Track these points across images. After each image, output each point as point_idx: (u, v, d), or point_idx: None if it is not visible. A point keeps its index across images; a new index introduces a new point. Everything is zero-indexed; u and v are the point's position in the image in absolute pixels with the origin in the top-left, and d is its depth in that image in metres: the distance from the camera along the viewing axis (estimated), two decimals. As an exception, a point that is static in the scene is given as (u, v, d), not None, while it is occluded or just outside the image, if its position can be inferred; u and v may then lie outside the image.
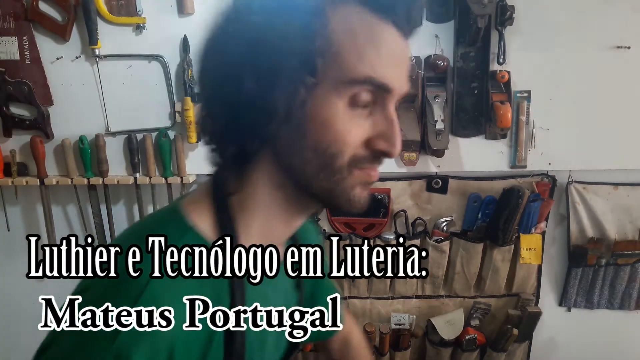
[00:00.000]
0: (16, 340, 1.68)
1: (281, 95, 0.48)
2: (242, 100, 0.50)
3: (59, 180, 1.47)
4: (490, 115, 1.39)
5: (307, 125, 0.50)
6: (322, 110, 0.49)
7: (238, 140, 0.53)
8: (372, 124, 0.51)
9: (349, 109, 0.49)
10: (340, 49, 0.48)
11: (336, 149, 0.50)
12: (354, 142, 0.50)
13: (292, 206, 0.57)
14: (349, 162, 0.51)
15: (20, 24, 1.36)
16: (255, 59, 0.49)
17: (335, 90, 0.49)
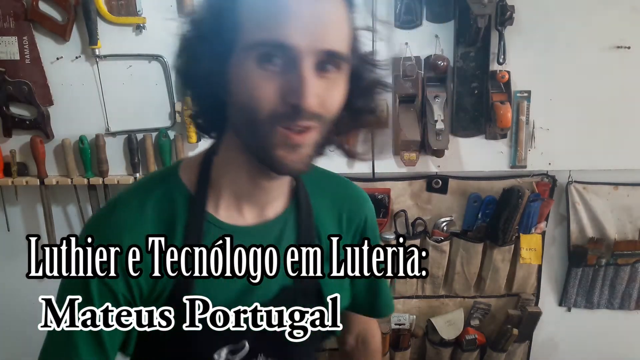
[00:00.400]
0: (16, 340, 1.68)
1: (211, 69, 0.61)
2: (197, 81, 0.65)
3: (59, 180, 1.46)
4: (490, 115, 1.39)
5: (231, 88, 0.60)
6: (237, 73, 0.58)
7: (205, 111, 0.68)
8: (285, 81, 0.56)
9: (259, 69, 0.56)
10: (240, 18, 0.57)
11: (252, 104, 0.57)
12: (266, 96, 0.56)
13: (253, 167, 0.65)
14: (269, 118, 0.57)
15: (20, 24, 1.36)
16: (197, 48, 0.63)
17: (244, 55, 0.57)
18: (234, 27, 0.58)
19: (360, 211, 0.83)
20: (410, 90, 1.38)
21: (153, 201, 0.69)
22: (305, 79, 0.55)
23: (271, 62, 0.56)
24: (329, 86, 0.59)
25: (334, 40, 0.57)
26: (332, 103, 0.60)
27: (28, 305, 1.58)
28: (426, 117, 1.37)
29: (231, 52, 0.58)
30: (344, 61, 0.60)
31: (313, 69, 0.57)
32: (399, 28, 1.36)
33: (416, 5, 1.35)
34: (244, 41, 0.57)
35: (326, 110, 0.59)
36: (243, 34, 0.57)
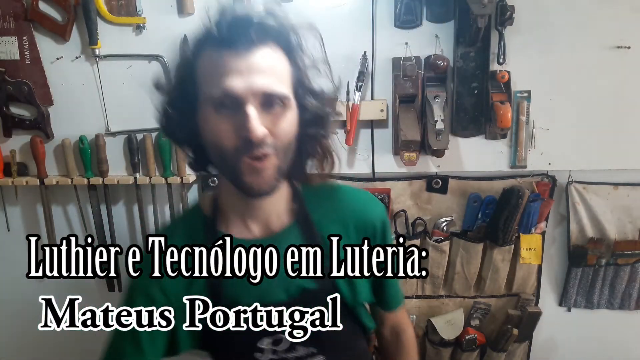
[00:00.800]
0: (16, 340, 1.68)
1: (189, 127, 0.77)
2: (182, 139, 0.82)
3: (59, 180, 1.47)
4: (490, 115, 1.39)
5: (202, 133, 0.75)
6: (203, 120, 0.74)
7: (192, 155, 0.83)
8: (236, 120, 0.70)
9: (216, 115, 0.71)
10: (198, 79, 0.74)
11: (217, 142, 0.72)
12: (225, 134, 0.71)
13: (239, 192, 0.77)
14: (233, 151, 0.71)
15: (20, 24, 1.36)
16: (172, 109, 0.79)
17: (204, 107, 0.73)
18: (194, 87, 0.74)
19: (368, 218, 0.91)
20: (410, 90, 1.38)
21: (181, 226, 0.90)
22: (249, 116, 0.69)
23: (224, 107, 0.71)
24: (275, 119, 0.72)
25: (269, 83, 0.71)
26: (281, 132, 0.73)
27: (28, 305, 1.59)
28: (426, 117, 1.37)
29: (196, 106, 0.75)
30: (286, 98, 0.73)
31: (258, 108, 0.71)
32: (399, 28, 1.36)
33: (416, 5, 1.35)
34: (202, 96, 0.73)
35: (277, 138, 0.72)
36: (201, 91, 0.73)
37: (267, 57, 0.72)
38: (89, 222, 1.53)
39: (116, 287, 1.56)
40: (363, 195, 0.96)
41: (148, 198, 1.51)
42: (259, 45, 0.71)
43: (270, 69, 0.72)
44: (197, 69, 0.74)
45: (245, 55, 0.70)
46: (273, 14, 0.74)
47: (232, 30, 0.70)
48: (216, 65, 0.71)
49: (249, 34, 0.70)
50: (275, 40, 0.74)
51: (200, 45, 0.75)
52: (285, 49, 0.75)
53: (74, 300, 0.90)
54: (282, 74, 0.74)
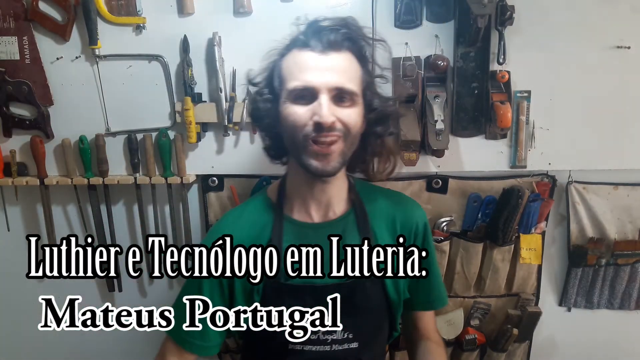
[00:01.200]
0: (16, 340, 1.68)
1: (271, 111, 0.94)
2: (266, 125, 0.98)
3: (59, 180, 1.46)
4: (490, 115, 1.39)
5: (281, 122, 0.90)
6: (283, 110, 0.89)
7: (272, 143, 1.01)
8: (311, 108, 0.86)
9: (295, 106, 0.87)
10: (283, 75, 0.90)
11: (293, 127, 0.87)
12: (299, 122, 0.86)
13: (308, 175, 0.91)
14: (303, 137, 0.86)
15: (20, 24, 1.36)
16: (260, 98, 0.97)
17: (286, 97, 0.89)
18: (279, 83, 0.91)
19: (412, 218, 1.05)
20: (410, 90, 1.38)
21: (248, 210, 1.02)
22: (322, 104, 0.84)
23: (302, 98, 0.86)
24: (344, 111, 0.87)
25: (342, 80, 0.86)
26: (349, 120, 0.87)
27: (28, 305, 1.59)
28: (426, 117, 1.37)
29: (279, 97, 0.91)
30: (355, 95, 0.88)
31: (331, 100, 0.85)
32: (399, 28, 1.36)
33: (416, 5, 1.35)
34: (285, 90, 0.89)
35: (344, 126, 0.86)
36: (285, 84, 0.89)
37: (342, 60, 0.88)
38: (89, 222, 1.53)
39: (116, 287, 1.56)
40: (409, 198, 1.11)
41: (148, 198, 1.51)
42: (336, 49, 0.87)
43: (343, 70, 0.87)
44: (283, 67, 0.90)
45: (324, 56, 0.86)
46: (350, 26, 0.90)
47: (316, 36, 0.87)
48: (300, 62, 0.87)
49: (329, 39, 0.86)
50: (350, 47, 0.89)
51: (287, 49, 0.92)
52: (358, 56, 0.91)
53: (74, 300, 0.90)
54: (353, 75, 0.89)
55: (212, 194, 1.50)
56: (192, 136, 1.40)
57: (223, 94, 1.38)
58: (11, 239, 1.57)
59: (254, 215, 1.00)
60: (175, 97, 1.42)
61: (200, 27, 1.36)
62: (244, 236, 0.97)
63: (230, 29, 1.36)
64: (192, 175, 1.47)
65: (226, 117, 1.38)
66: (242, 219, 1.00)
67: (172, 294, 1.62)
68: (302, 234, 0.97)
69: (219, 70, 1.36)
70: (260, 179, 1.46)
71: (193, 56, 1.37)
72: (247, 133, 1.45)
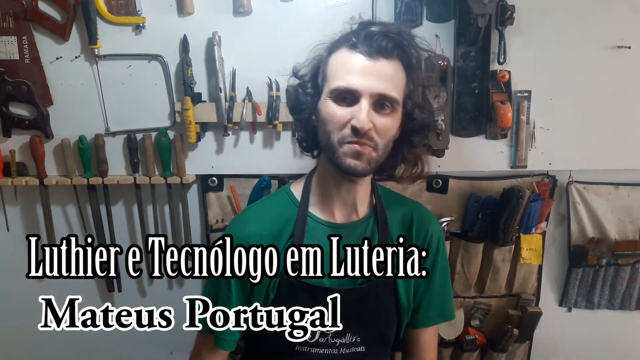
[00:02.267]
0: (16, 340, 1.68)
1: (310, 105, 0.94)
2: (303, 118, 0.97)
3: (59, 180, 1.46)
4: (490, 115, 1.38)
5: (319, 118, 0.91)
6: (323, 107, 0.90)
7: (306, 136, 1.01)
8: (351, 112, 0.86)
9: (335, 105, 0.87)
10: (328, 72, 0.89)
11: (330, 126, 0.88)
12: (338, 123, 0.87)
13: (337, 173, 0.93)
14: (339, 140, 0.87)
15: (19, 23, 1.36)
16: (300, 92, 0.97)
17: (327, 95, 0.88)
18: (323, 79, 0.91)
19: (428, 230, 1.05)
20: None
21: (272, 205, 1.02)
22: (362, 109, 0.84)
23: (343, 100, 0.86)
24: (383, 119, 0.87)
25: (386, 88, 0.85)
26: (384, 130, 0.87)
27: (28, 306, 1.59)
28: (426, 117, 1.37)
29: (320, 94, 0.91)
30: (396, 103, 0.87)
31: (371, 105, 0.85)
32: (399, 28, 1.36)
33: (416, 5, 1.34)
34: (327, 87, 0.88)
35: (379, 134, 0.87)
36: (327, 83, 0.89)
37: (389, 67, 0.86)
38: (89, 222, 1.53)
39: (116, 287, 1.56)
40: (428, 211, 1.11)
41: (148, 198, 1.51)
42: (385, 56, 0.86)
43: (388, 77, 0.86)
44: (330, 63, 0.90)
45: (372, 61, 0.85)
46: (402, 35, 0.88)
47: (367, 40, 0.85)
48: (346, 63, 0.87)
49: (380, 46, 0.85)
50: (399, 55, 0.88)
51: (335, 46, 0.90)
52: (406, 64, 0.90)
53: (74, 300, 0.90)
54: (397, 83, 0.88)
55: (212, 194, 1.50)
56: (191, 136, 1.39)
57: (223, 93, 1.37)
58: (11, 239, 1.56)
59: (278, 210, 0.99)
60: (175, 97, 1.42)
61: (200, 26, 1.36)
62: (266, 230, 0.97)
63: (230, 29, 1.36)
64: (191, 175, 1.47)
65: (226, 117, 1.38)
66: (266, 213, 1.00)
67: (171, 294, 1.62)
68: (325, 233, 0.97)
69: (218, 70, 1.35)
70: (260, 179, 1.45)
71: (193, 56, 1.37)
72: (247, 133, 1.45)
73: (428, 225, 1.06)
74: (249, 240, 0.95)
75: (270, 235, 0.96)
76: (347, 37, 0.89)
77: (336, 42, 0.91)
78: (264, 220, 0.98)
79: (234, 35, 1.36)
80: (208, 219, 1.52)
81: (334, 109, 0.87)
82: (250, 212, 1.04)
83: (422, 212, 1.09)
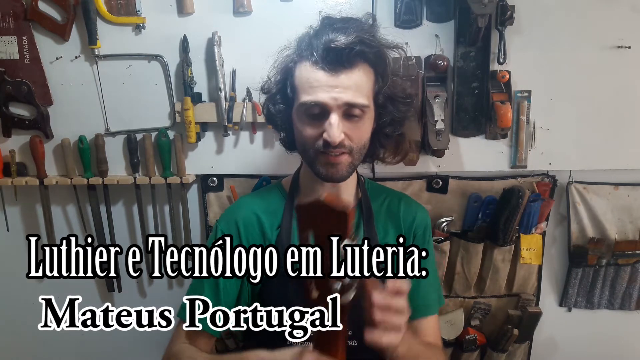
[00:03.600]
0: (16, 340, 1.68)
1: (285, 119, 0.99)
2: (281, 124, 1.02)
3: (59, 181, 1.46)
4: (490, 115, 1.38)
5: (294, 128, 0.96)
6: (296, 119, 0.94)
7: (286, 138, 1.05)
8: (322, 125, 0.89)
9: (307, 119, 0.91)
10: (296, 86, 0.92)
11: (304, 139, 0.93)
12: (311, 138, 0.91)
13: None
14: (314, 152, 0.92)
15: (19, 23, 1.36)
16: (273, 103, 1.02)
17: (298, 109, 0.92)
18: (292, 91, 0.94)
19: (414, 217, 1.10)
20: (410, 90, 1.37)
21: (263, 195, 1.10)
22: (332, 124, 0.87)
23: (313, 113, 0.89)
24: (355, 126, 0.90)
25: (353, 96, 0.88)
26: (359, 137, 0.91)
27: (28, 306, 1.59)
28: (426, 117, 1.37)
29: (292, 106, 0.95)
30: (365, 107, 0.90)
31: (341, 116, 0.88)
32: (399, 28, 1.36)
33: (416, 4, 1.34)
34: (298, 101, 0.91)
35: (353, 142, 0.90)
36: (296, 97, 0.92)
37: (353, 76, 0.88)
38: (89, 222, 1.53)
39: (116, 287, 1.56)
40: (414, 201, 1.16)
41: (148, 198, 1.51)
42: (347, 67, 0.88)
43: (354, 86, 0.88)
44: (296, 76, 0.93)
45: (334, 75, 0.88)
46: (361, 37, 0.88)
47: (327, 56, 0.87)
48: (311, 79, 0.89)
49: (341, 58, 0.87)
50: (362, 59, 0.89)
51: (299, 56, 0.93)
52: (371, 64, 0.91)
53: (74, 300, 0.90)
54: (364, 88, 0.90)
55: (212, 194, 1.50)
56: (191, 136, 1.39)
57: (223, 93, 1.37)
58: (11, 239, 1.56)
59: (268, 200, 1.07)
60: (175, 97, 1.42)
61: (200, 26, 1.36)
62: (258, 211, 1.04)
63: (230, 29, 1.36)
64: (191, 175, 1.47)
65: (226, 117, 1.38)
66: (257, 201, 1.07)
67: (171, 294, 1.62)
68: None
69: (218, 70, 1.35)
70: (260, 179, 1.45)
71: (193, 56, 1.37)
72: (247, 133, 1.45)
73: (415, 211, 1.11)
74: (239, 220, 1.02)
75: (259, 218, 1.03)
76: (308, 47, 0.90)
77: (299, 51, 0.93)
78: (255, 205, 1.06)
79: (234, 35, 1.36)
80: (208, 219, 1.52)
81: (305, 123, 0.91)
82: (242, 199, 1.12)
83: (408, 200, 1.15)
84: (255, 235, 1.03)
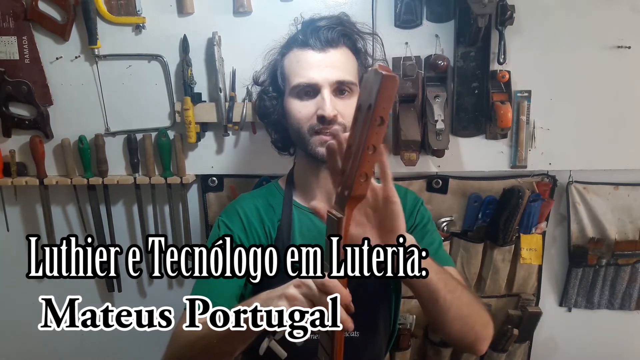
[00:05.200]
0: (16, 340, 1.68)
1: (276, 107, 1.04)
2: (272, 121, 1.07)
3: (59, 181, 1.46)
4: (490, 115, 1.38)
5: (287, 116, 1.00)
6: (288, 105, 0.98)
7: (279, 137, 1.11)
8: (315, 104, 0.94)
9: (299, 101, 0.96)
10: (286, 73, 0.99)
11: (298, 121, 0.97)
12: (304, 117, 0.95)
13: (311, 163, 1.01)
14: (308, 130, 0.96)
15: (19, 23, 1.36)
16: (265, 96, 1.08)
17: (290, 94, 0.98)
18: (282, 80, 1.00)
19: (405, 200, 1.10)
20: (410, 90, 1.37)
21: (261, 193, 1.12)
22: (325, 99, 0.92)
23: (306, 95, 0.95)
24: (345, 103, 0.95)
25: (342, 74, 0.94)
26: (350, 114, 0.84)
27: (28, 305, 1.59)
28: (426, 117, 1.37)
29: (283, 95, 1.00)
30: (353, 85, 0.96)
31: (332, 93, 0.94)
32: (399, 28, 1.36)
33: (416, 5, 1.34)
34: (289, 87, 0.97)
35: (344, 118, 0.94)
36: (288, 82, 0.98)
37: (340, 55, 0.96)
38: (89, 222, 1.53)
39: (116, 287, 1.56)
40: (405, 188, 1.18)
41: (148, 198, 1.51)
42: (334, 46, 0.96)
43: (341, 64, 0.95)
44: (285, 65, 0.99)
45: (323, 53, 0.95)
46: (344, 23, 0.99)
47: (314, 35, 0.95)
48: (301, 61, 0.95)
49: (327, 38, 0.95)
50: (346, 43, 0.98)
51: (287, 48, 1.00)
52: (353, 49, 1.00)
53: (74, 300, 0.90)
54: (351, 68, 0.97)
55: (212, 194, 1.50)
56: (191, 136, 1.39)
57: (223, 93, 1.38)
58: (11, 239, 1.56)
59: (266, 197, 1.10)
60: (175, 97, 1.42)
61: (200, 26, 1.36)
62: (256, 206, 1.06)
63: (230, 29, 1.36)
64: (191, 175, 1.47)
65: (226, 117, 1.38)
66: (257, 197, 1.10)
67: (171, 294, 1.62)
68: (309, 219, 1.05)
69: (218, 70, 1.36)
70: (259, 179, 1.45)
71: (193, 56, 1.37)
72: (247, 133, 1.45)
73: (405, 198, 1.12)
74: (240, 210, 1.05)
75: (259, 212, 1.05)
76: (294, 37, 0.99)
77: (286, 44, 1.02)
78: (255, 201, 1.08)
79: (234, 35, 1.36)
80: (208, 219, 1.52)
81: (299, 105, 0.96)
82: (242, 195, 1.14)
83: (398, 187, 1.12)
84: (256, 225, 1.05)
